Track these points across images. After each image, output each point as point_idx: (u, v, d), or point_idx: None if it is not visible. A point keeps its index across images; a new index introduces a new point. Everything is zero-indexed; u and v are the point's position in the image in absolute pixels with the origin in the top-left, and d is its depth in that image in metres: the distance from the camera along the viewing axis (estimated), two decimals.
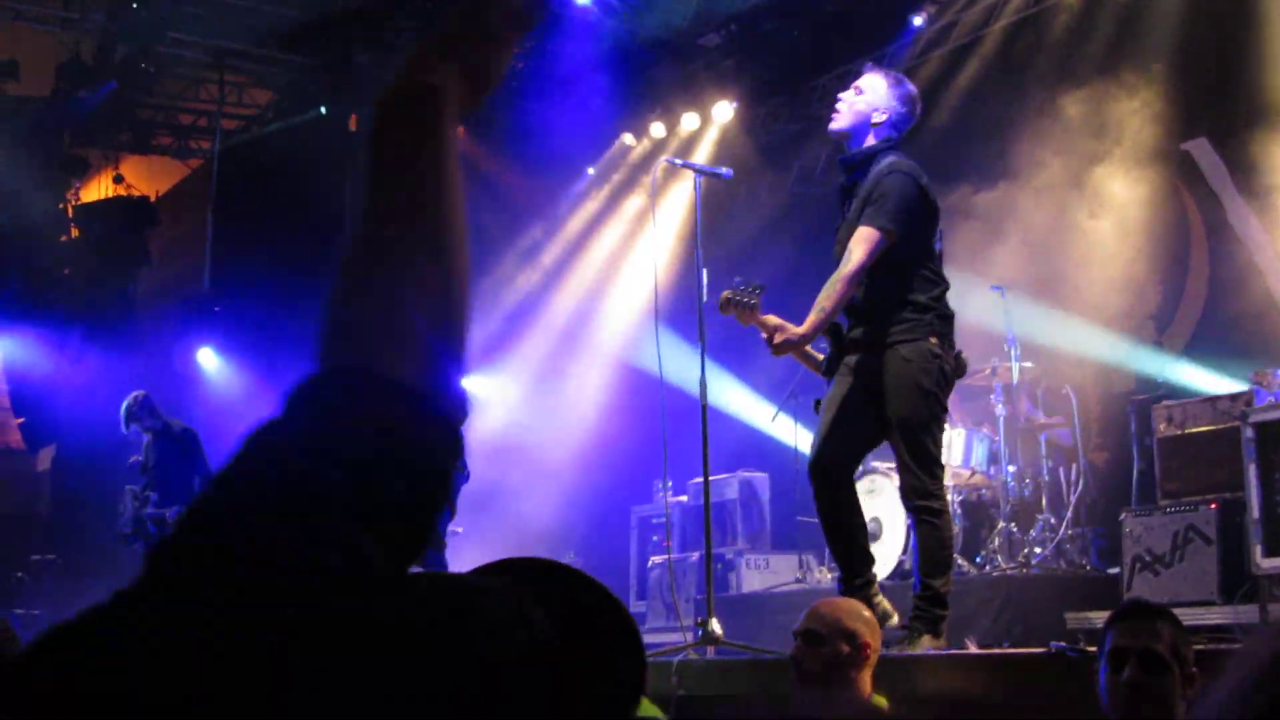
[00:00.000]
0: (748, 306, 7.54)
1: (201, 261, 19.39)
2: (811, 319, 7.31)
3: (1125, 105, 14.24)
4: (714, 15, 16.88)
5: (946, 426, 12.74)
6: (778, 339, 7.32)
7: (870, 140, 7.63)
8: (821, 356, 7.86)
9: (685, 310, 8.99)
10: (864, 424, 7.60)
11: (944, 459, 12.46)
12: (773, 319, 7.43)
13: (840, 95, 7.71)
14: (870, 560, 7.76)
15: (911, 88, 7.82)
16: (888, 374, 7.39)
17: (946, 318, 7.61)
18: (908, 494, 7.52)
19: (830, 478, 7.71)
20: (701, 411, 8.60)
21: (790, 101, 17.82)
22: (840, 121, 7.66)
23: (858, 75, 7.87)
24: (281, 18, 17.34)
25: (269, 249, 18.55)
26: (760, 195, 17.57)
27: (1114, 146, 14.43)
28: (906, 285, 7.44)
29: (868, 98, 7.61)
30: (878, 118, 7.61)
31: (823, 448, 7.67)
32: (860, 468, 13.26)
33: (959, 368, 7.62)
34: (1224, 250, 13.43)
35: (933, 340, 7.41)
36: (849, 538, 7.76)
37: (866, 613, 5.96)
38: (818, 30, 16.48)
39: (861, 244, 7.28)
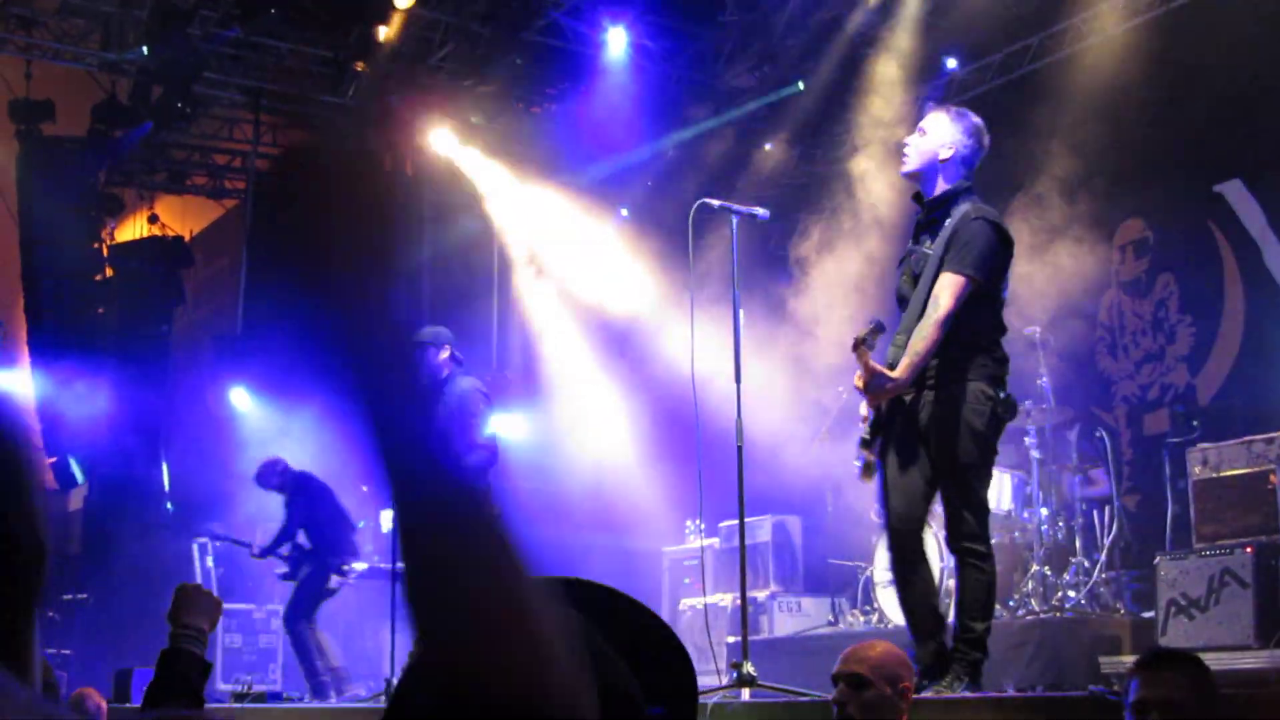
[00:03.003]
0: (868, 346, 7.54)
1: (235, 301, 19.48)
2: (906, 363, 7.34)
3: (1158, 146, 14.25)
4: (747, 56, 16.93)
5: None
6: (875, 385, 7.31)
7: (941, 179, 7.68)
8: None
9: (723, 350, 8.97)
10: (922, 469, 7.56)
11: None
12: (875, 365, 7.42)
13: (906, 140, 7.76)
14: (941, 621, 7.70)
15: (975, 120, 7.82)
16: (939, 413, 7.41)
17: (1001, 361, 7.65)
18: (955, 536, 7.50)
19: (899, 534, 7.68)
20: (738, 454, 8.59)
21: (825, 143, 17.85)
22: (910, 164, 7.72)
23: (919, 115, 7.89)
24: (316, 58, 17.45)
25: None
26: (792, 238, 17.57)
27: (1146, 188, 14.43)
28: (968, 327, 7.47)
29: (932, 137, 7.66)
30: (945, 154, 7.65)
31: (890, 503, 7.65)
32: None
33: (1010, 410, 7.59)
34: (1259, 292, 13.40)
35: (983, 382, 7.43)
36: (920, 597, 7.77)
37: (907, 657, 5.96)
38: (849, 72, 16.51)
39: (949, 290, 7.34)
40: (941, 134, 7.67)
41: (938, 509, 7.89)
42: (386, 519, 11.90)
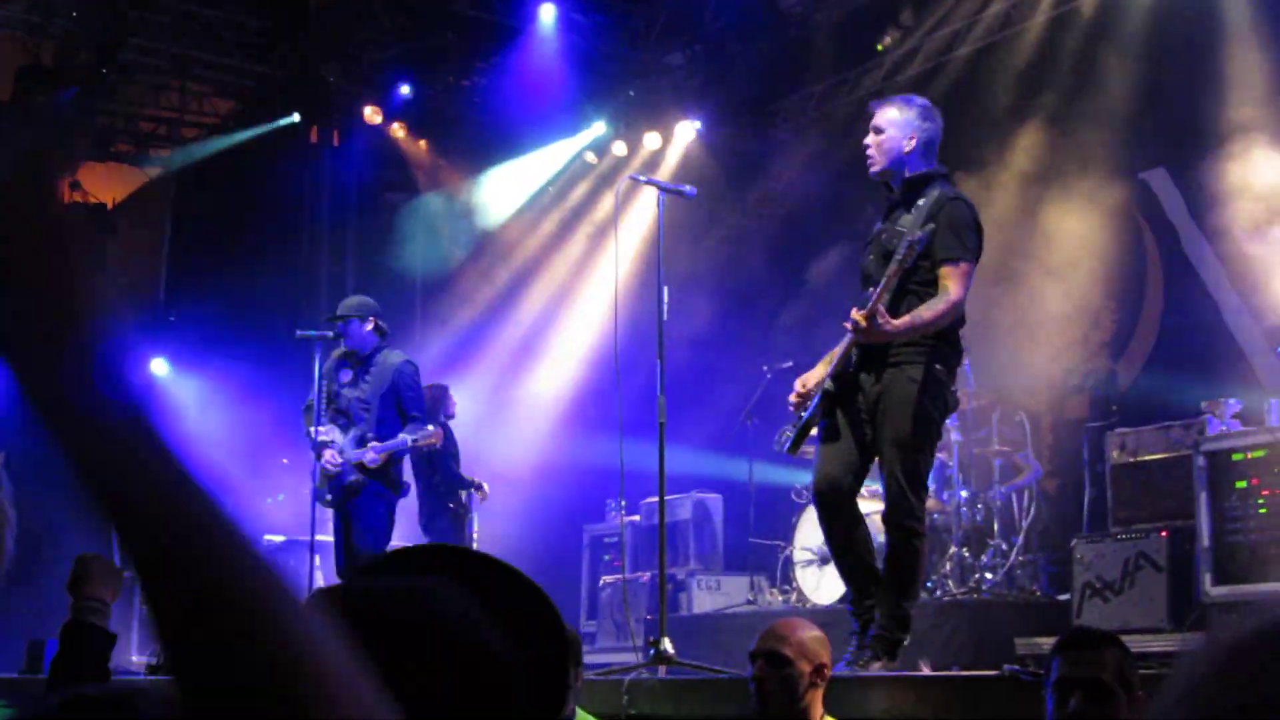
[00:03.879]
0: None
1: (158, 271, 19.32)
2: (909, 319, 7.31)
3: (1084, 134, 14.32)
4: (679, 35, 16.91)
5: None
6: (874, 323, 7.18)
7: (908, 168, 7.78)
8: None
9: (646, 328, 8.96)
10: (865, 443, 7.62)
11: None
12: (882, 308, 7.31)
13: (866, 141, 7.82)
14: (879, 580, 7.69)
15: (922, 101, 7.96)
16: (891, 393, 7.44)
17: (959, 351, 7.75)
18: (893, 512, 7.53)
19: (833, 499, 7.70)
20: (659, 431, 8.58)
21: (754, 123, 17.87)
22: (877, 165, 7.81)
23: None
24: (245, 27, 17.31)
25: (226, 259, 18.48)
26: (722, 215, 17.59)
27: (1072, 175, 14.51)
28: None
29: (889, 133, 7.75)
30: (908, 145, 7.74)
31: (824, 469, 7.71)
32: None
33: (955, 402, 7.75)
34: (1179, 280, 13.51)
35: (939, 367, 7.48)
36: (857, 557, 7.79)
37: (821, 633, 5.97)
38: (783, 52, 16.52)
39: (957, 278, 7.42)
40: (898, 127, 7.75)
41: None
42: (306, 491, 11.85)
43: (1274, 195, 12.68)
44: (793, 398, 7.94)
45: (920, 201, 7.57)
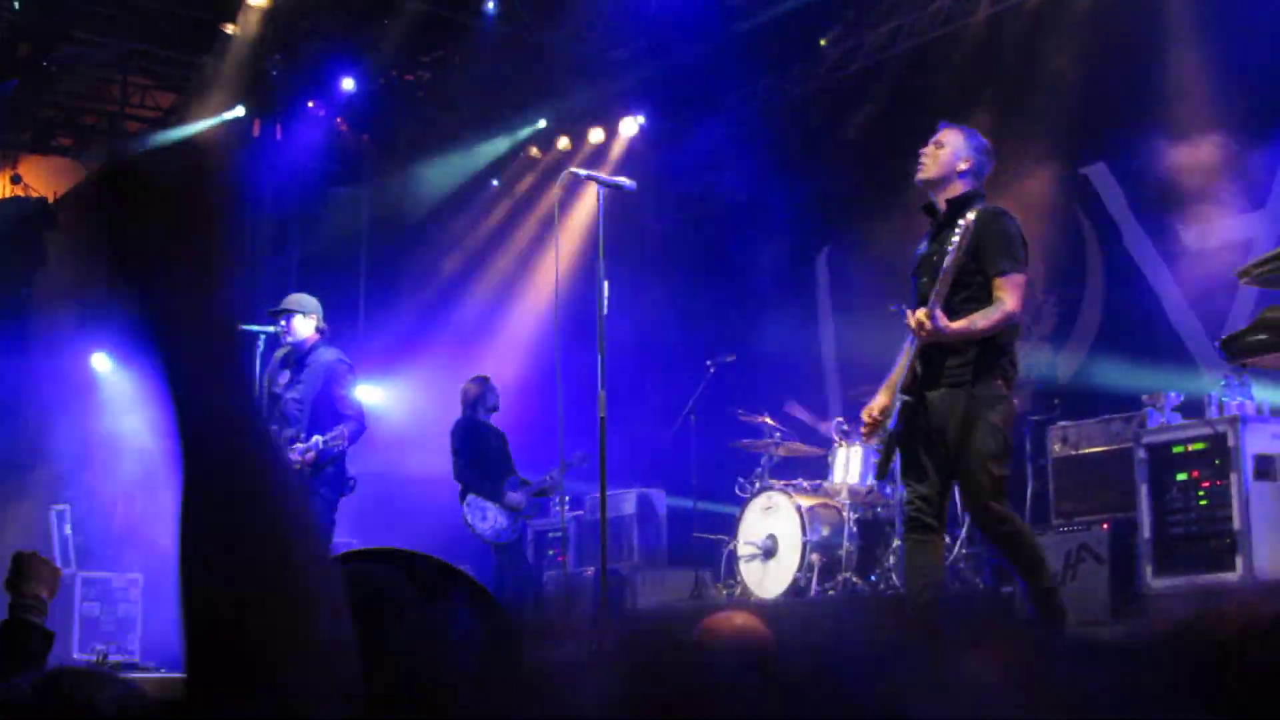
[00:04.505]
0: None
1: (100, 265, 19.17)
2: (965, 324, 7.67)
3: (1025, 129, 14.37)
4: (622, 29, 16.88)
5: (843, 443, 12.88)
6: (935, 324, 7.52)
7: (958, 185, 8.14)
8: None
9: (587, 322, 8.94)
10: (943, 463, 7.90)
11: (840, 477, 12.64)
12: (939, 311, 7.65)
13: (922, 151, 8.25)
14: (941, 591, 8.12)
15: (985, 140, 8.46)
16: (960, 411, 7.75)
17: (1016, 364, 8.06)
18: (983, 520, 7.86)
19: (924, 523, 7.95)
20: (600, 425, 8.57)
21: (698, 117, 17.86)
22: (927, 172, 8.19)
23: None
24: (189, 20, 17.20)
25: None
26: (666, 209, 17.59)
27: (1013, 170, 14.55)
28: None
29: (949, 150, 8.17)
30: (961, 166, 8.15)
31: (912, 495, 8.00)
32: (758, 484, 13.33)
33: (1013, 413, 8.14)
34: (1120, 274, 13.56)
35: (1000, 382, 7.83)
36: (939, 570, 8.29)
37: (761, 626, 5.94)
38: (726, 46, 16.50)
39: (1011, 290, 7.76)
40: (958, 147, 8.18)
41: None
42: None
43: (1215, 188, 12.76)
44: (865, 430, 8.27)
45: (961, 221, 7.74)
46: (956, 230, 7.69)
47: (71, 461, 16.91)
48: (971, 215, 7.69)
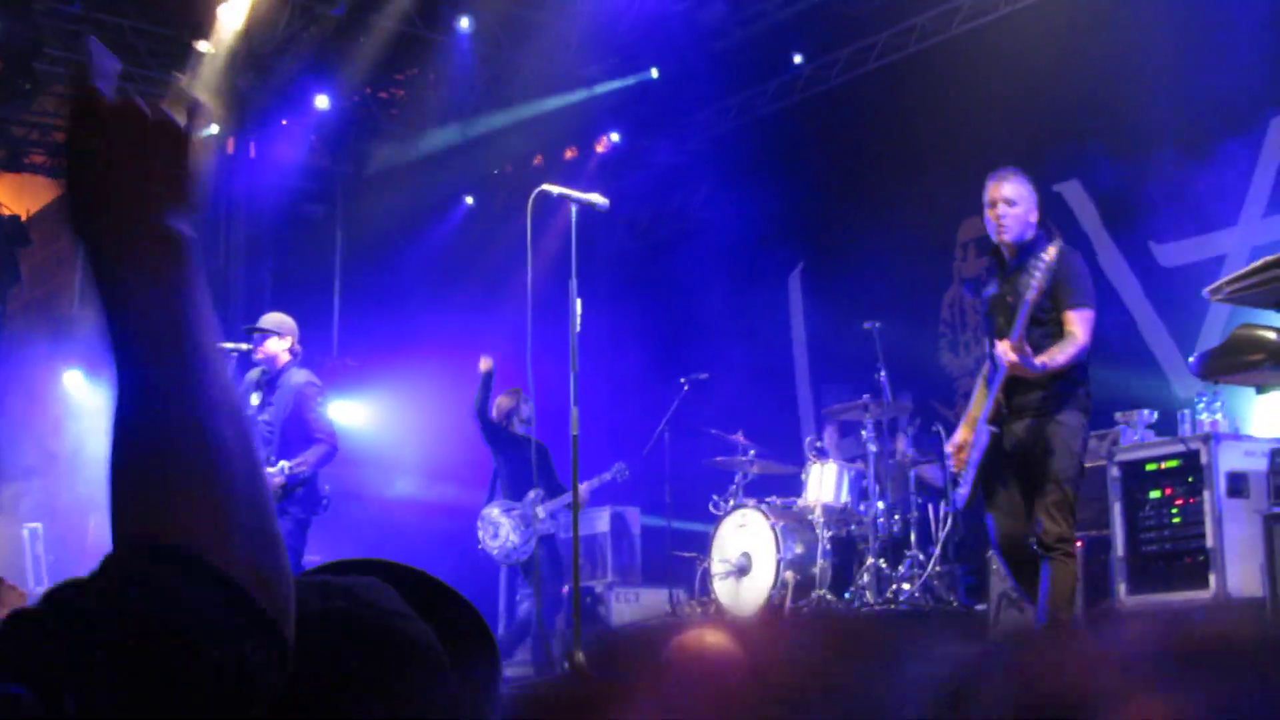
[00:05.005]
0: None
1: (72, 282, 19.11)
2: (1047, 358, 8.18)
3: (998, 145, 14.40)
4: (596, 47, 16.89)
5: (817, 460, 12.88)
6: (1024, 359, 8.07)
7: (1030, 232, 8.70)
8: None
9: (560, 340, 8.92)
10: (1025, 488, 8.41)
11: (814, 494, 12.63)
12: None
13: (1001, 213, 8.68)
14: None
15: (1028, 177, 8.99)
16: (1045, 438, 8.28)
17: (1091, 394, 8.63)
18: (1049, 538, 8.17)
19: (1018, 554, 8.44)
20: (573, 443, 8.55)
21: (672, 134, 17.89)
22: (1013, 233, 8.65)
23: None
24: (161, 37, 17.17)
25: None
26: (640, 226, 17.60)
27: (979, 187, 14.57)
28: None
29: (1024, 205, 8.69)
30: (1033, 216, 8.76)
31: (1003, 529, 8.52)
32: (733, 501, 13.32)
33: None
34: (1096, 289, 13.58)
35: (1080, 413, 8.42)
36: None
37: (733, 644, 5.92)
38: (701, 64, 16.52)
39: (1081, 323, 8.37)
40: (1028, 200, 8.73)
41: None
42: None
43: (1187, 205, 12.79)
44: (955, 465, 8.74)
45: (1034, 260, 8.19)
46: (1035, 270, 8.12)
47: (43, 481, 16.82)
48: (1053, 252, 8.09)
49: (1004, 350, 8.15)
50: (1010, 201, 8.66)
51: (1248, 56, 12.24)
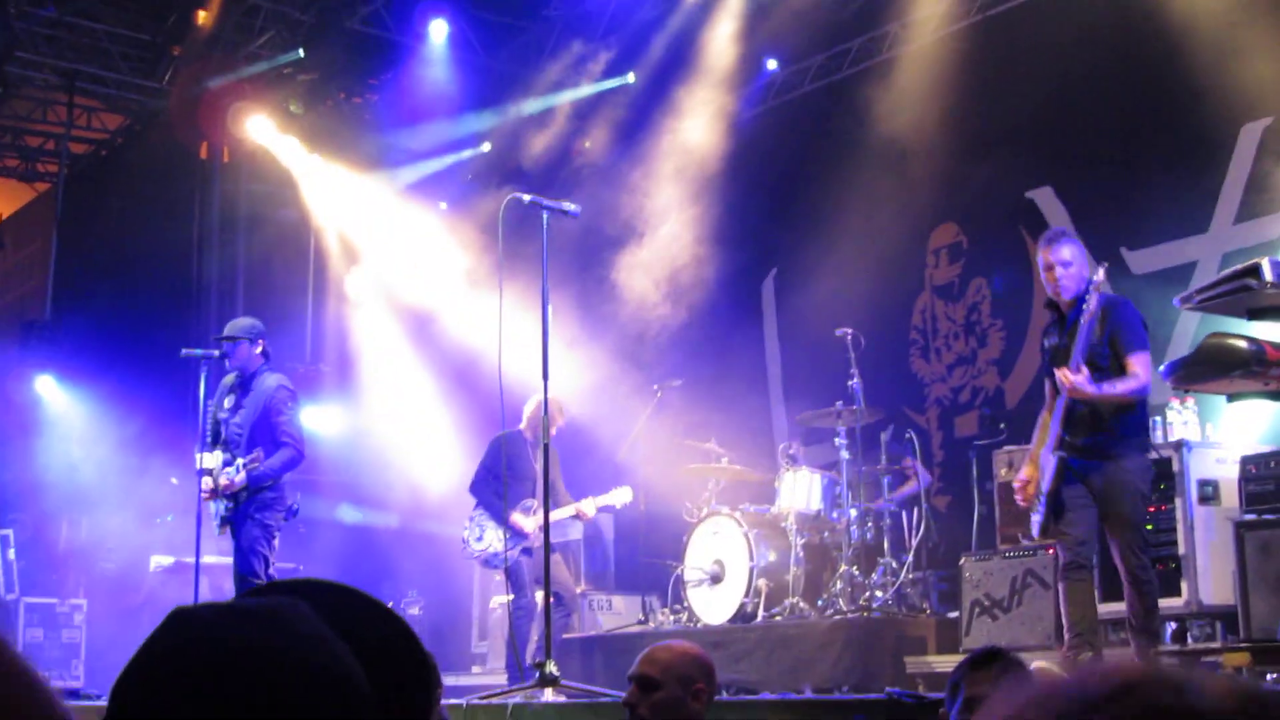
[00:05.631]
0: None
1: (44, 286, 19.04)
2: (1106, 385, 8.67)
3: (972, 152, 14.42)
4: (569, 51, 16.86)
5: (790, 468, 12.87)
6: (1078, 384, 8.64)
7: (1084, 286, 8.96)
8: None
9: (531, 348, 8.90)
10: (1097, 521, 8.87)
11: (787, 502, 12.63)
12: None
13: (1059, 275, 8.99)
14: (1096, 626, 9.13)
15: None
16: (1116, 482, 8.77)
17: (1151, 432, 9.29)
18: (1129, 571, 8.73)
19: (1080, 560, 8.89)
20: (544, 451, 8.53)
21: (645, 141, 17.87)
22: (1070, 293, 8.98)
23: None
24: (135, 41, 17.12)
25: (114, 275, 18.28)
26: (612, 232, 17.56)
27: (960, 194, 14.62)
28: (1131, 405, 8.82)
29: (1076, 267, 9.02)
30: (1085, 271, 9.05)
31: (1074, 546, 8.90)
32: (706, 509, 13.32)
33: None
34: None
35: (1144, 455, 8.96)
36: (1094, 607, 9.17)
37: (703, 657, 5.91)
38: (668, 73, 16.51)
39: (1142, 365, 8.75)
40: (1080, 258, 9.06)
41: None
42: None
43: (1158, 213, 12.83)
44: (1022, 499, 9.23)
45: (1085, 309, 8.75)
46: (1083, 319, 8.73)
47: (14, 486, 16.76)
48: (1095, 305, 8.68)
49: (1063, 375, 8.66)
50: (1066, 264, 9.00)
51: (1221, 66, 12.27)
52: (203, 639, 1.62)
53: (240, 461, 10.69)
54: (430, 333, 17.90)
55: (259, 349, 11.32)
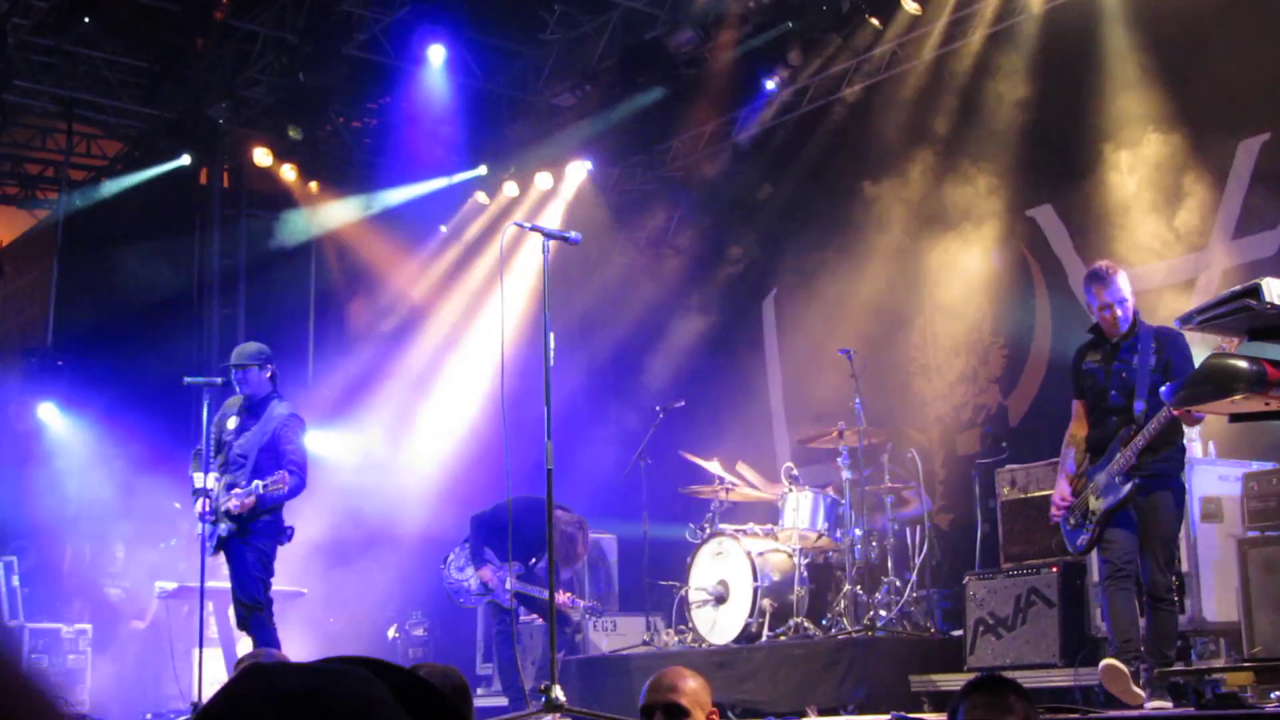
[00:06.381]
0: None
1: (45, 314, 19.03)
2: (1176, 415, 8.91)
3: (972, 172, 14.44)
4: (568, 75, 16.90)
5: (793, 488, 12.88)
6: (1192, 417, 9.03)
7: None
8: None
9: (536, 370, 8.91)
10: (1135, 534, 9.13)
11: (790, 521, 12.63)
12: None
13: (1117, 314, 9.36)
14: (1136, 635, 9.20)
15: None
16: (1158, 501, 9.06)
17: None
18: (1155, 588, 8.96)
19: (1124, 572, 9.08)
20: (547, 477, 8.53)
21: (643, 162, 17.91)
22: (1127, 324, 9.40)
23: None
24: (133, 69, 17.14)
25: (115, 302, 18.27)
26: (612, 256, 17.59)
27: (962, 213, 14.64)
28: (1177, 430, 9.22)
29: (1130, 300, 9.42)
30: (1133, 299, 9.51)
31: (1126, 557, 9.10)
32: (709, 529, 13.32)
33: None
34: (1066, 316, 13.62)
35: (1182, 477, 9.29)
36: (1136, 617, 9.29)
37: (703, 679, 5.92)
38: (672, 92, 16.53)
39: None
40: (1131, 295, 9.44)
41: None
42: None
43: (1157, 230, 12.85)
44: (1056, 515, 9.54)
45: (1139, 340, 9.34)
46: (1138, 349, 9.30)
47: (17, 512, 16.75)
48: (1145, 338, 9.29)
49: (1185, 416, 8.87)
50: (1122, 301, 9.35)
51: (1216, 83, 12.31)
52: (281, 689, 1.65)
53: (259, 483, 10.70)
54: (434, 357, 17.92)
55: (268, 374, 11.36)
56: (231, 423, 11.34)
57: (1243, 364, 6.77)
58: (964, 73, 14.69)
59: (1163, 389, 8.16)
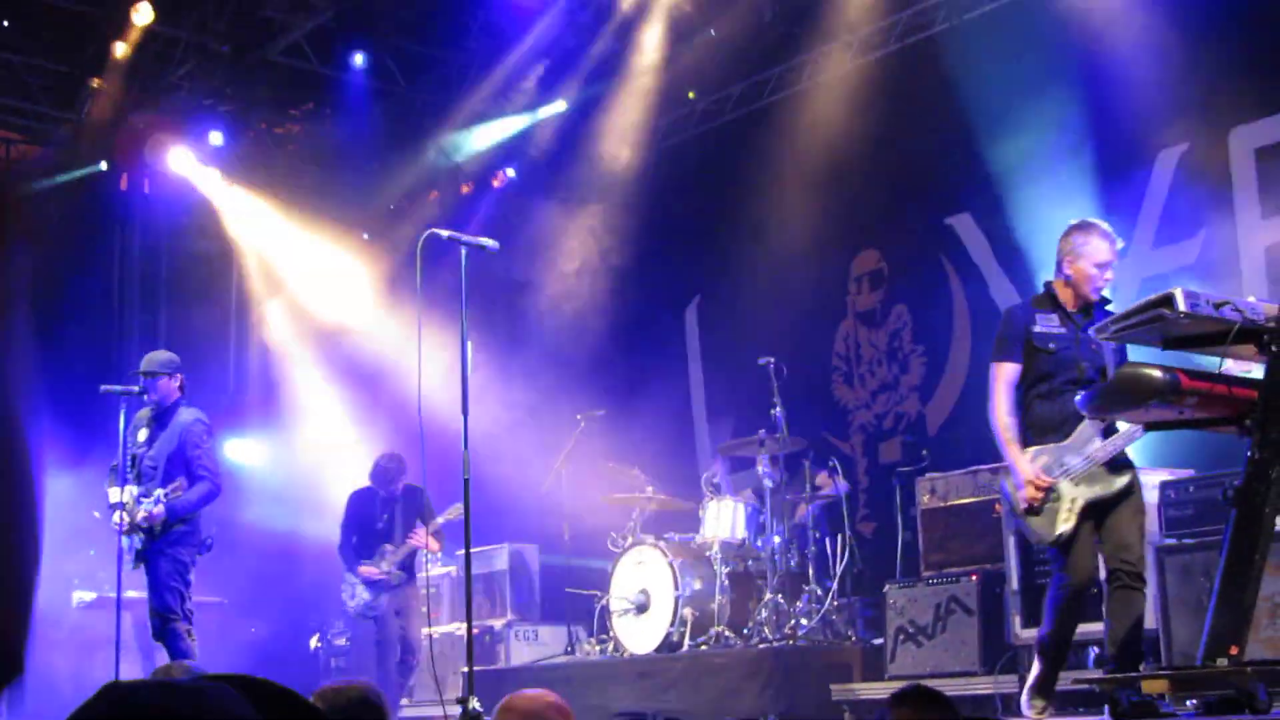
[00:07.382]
0: None
1: None
2: None
3: (893, 179, 14.50)
4: (490, 81, 16.84)
5: (714, 497, 12.86)
6: None
7: None
8: None
9: (456, 380, 8.85)
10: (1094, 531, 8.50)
11: (711, 530, 12.61)
12: None
13: (1108, 276, 8.80)
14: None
15: None
16: (1134, 487, 8.38)
17: None
18: (1132, 575, 8.24)
19: (1088, 584, 8.53)
20: (464, 486, 8.50)
21: (568, 171, 17.88)
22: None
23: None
24: (53, 74, 16.98)
25: (34, 308, 18.08)
26: (534, 263, 17.54)
27: (882, 221, 14.69)
28: None
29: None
30: None
31: (1085, 565, 8.44)
32: (630, 539, 13.31)
33: None
34: (985, 324, 13.66)
35: None
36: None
37: (559, 699, 5.74)
38: (596, 102, 16.53)
39: None
40: None
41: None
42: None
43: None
44: (1040, 494, 8.41)
45: (1098, 310, 8.66)
46: (1097, 317, 8.46)
47: None
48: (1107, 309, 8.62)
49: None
50: (1110, 265, 8.86)
51: (1138, 93, 12.37)
52: (134, 711, 1.63)
53: (159, 492, 10.62)
54: (351, 364, 17.81)
55: (177, 383, 11.26)
56: (142, 434, 11.24)
57: (1156, 374, 6.81)
58: (885, 78, 14.76)
59: (1077, 398, 8.08)
